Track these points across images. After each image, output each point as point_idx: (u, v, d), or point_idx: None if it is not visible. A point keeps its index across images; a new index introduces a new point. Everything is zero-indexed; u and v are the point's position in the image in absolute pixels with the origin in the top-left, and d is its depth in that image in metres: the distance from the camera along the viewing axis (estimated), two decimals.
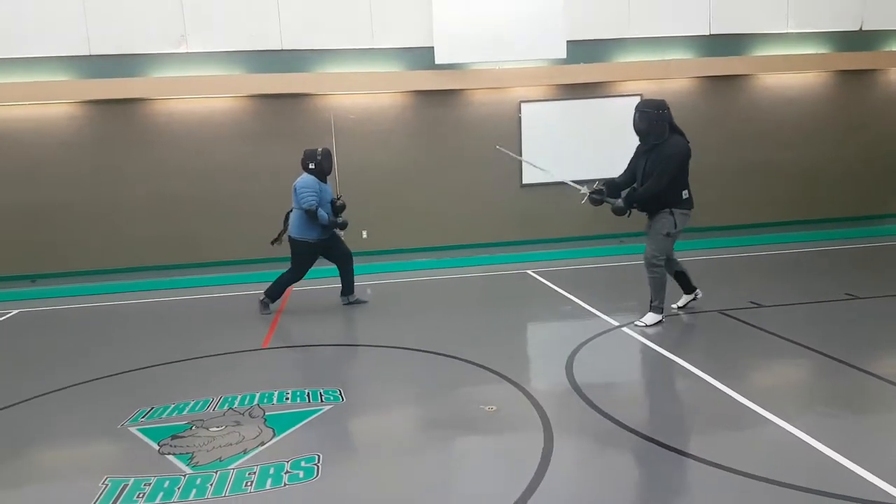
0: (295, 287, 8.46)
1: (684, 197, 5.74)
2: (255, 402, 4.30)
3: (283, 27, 9.56)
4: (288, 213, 7.21)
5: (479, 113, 10.38)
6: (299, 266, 7.13)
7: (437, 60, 9.68)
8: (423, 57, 9.86)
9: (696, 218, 10.01)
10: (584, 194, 6.18)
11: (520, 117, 10.47)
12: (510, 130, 10.41)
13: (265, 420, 3.99)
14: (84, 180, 9.55)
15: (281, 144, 9.84)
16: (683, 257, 9.02)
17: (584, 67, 10.23)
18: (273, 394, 4.45)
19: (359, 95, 9.97)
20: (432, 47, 9.67)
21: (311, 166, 6.98)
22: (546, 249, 10.36)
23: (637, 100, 10.64)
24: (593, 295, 7.24)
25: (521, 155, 8.18)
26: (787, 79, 10.84)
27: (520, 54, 9.93)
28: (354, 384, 4.71)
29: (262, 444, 3.68)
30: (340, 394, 4.40)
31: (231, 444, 3.68)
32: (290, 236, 7.09)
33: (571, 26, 9.97)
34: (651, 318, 5.94)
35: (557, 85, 10.42)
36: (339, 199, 7.31)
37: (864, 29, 10.76)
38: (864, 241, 10.17)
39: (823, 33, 10.73)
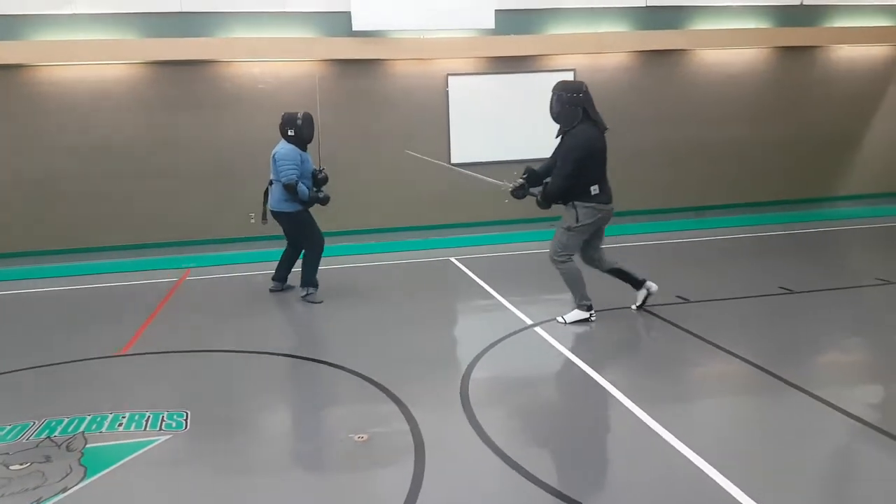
0: (193, 276, 7.69)
1: (593, 192, 5.16)
2: (82, 428, 3.57)
3: None
4: (267, 188, 6.46)
5: (402, 85, 9.64)
6: (307, 235, 6.44)
7: (355, 27, 8.89)
8: (339, 22, 9.04)
9: (622, 201, 9.62)
10: (506, 190, 5.51)
11: (447, 91, 9.78)
12: (437, 105, 9.73)
13: (82, 455, 3.28)
14: None
15: (181, 116, 8.95)
16: (613, 242, 8.65)
17: (514, 39, 9.59)
18: (106, 417, 3.71)
19: (269, 63, 9.11)
20: (349, 12, 8.86)
21: (290, 133, 6.23)
22: (474, 233, 9.75)
23: (570, 75, 10.25)
24: (516, 287, 6.66)
25: (433, 158, 7.43)
26: (727, 54, 10.42)
27: (445, 23, 9.21)
28: (208, 405, 3.96)
29: (65, 489, 2.97)
30: (185, 419, 3.69)
31: (27, 490, 2.96)
32: (271, 210, 6.40)
33: None
34: (574, 315, 5.42)
35: (486, 57, 9.75)
36: (321, 171, 6.56)
37: (804, 3, 10.37)
38: (803, 226, 9.71)
39: (764, 7, 10.31)
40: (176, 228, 9.13)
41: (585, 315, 5.40)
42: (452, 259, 8.24)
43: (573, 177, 5.08)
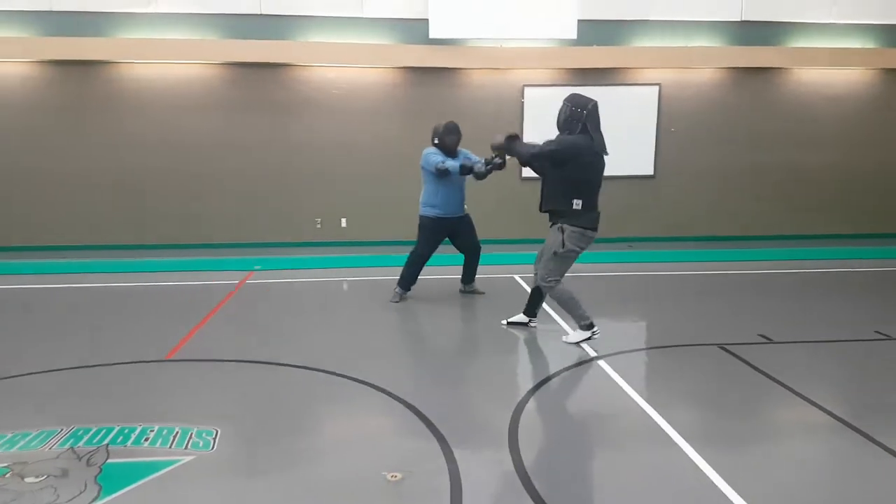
0: (255, 279, 7.63)
1: (574, 207, 5.01)
2: (107, 440, 3.42)
3: None
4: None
5: (477, 95, 9.39)
6: (420, 239, 6.59)
7: (432, 34, 8.71)
8: (416, 30, 8.88)
9: (706, 224, 9.02)
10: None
11: (522, 102, 9.46)
12: (512, 116, 9.42)
13: (100, 471, 3.11)
14: (38, 147, 8.78)
15: (255, 118, 8.98)
16: (695, 269, 8.14)
17: (597, 50, 9.18)
18: (135, 429, 3.55)
19: (344, 69, 9.03)
20: (427, 19, 8.68)
21: (436, 141, 6.42)
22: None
23: (654, 90, 9.73)
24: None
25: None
26: (828, 74, 9.65)
27: (524, 32, 8.90)
28: (240, 423, 3.75)
29: None
30: (214, 438, 3.48)
31: None
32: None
33: (583, 4, 8.88)
34: (575, 335, 5.32)
35: (566, 69, 9.39)
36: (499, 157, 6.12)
37: None
38: None
39: (870, 26, 9.51)
40: (244, 229, 9.16)
41: (587, 334, 5.26)
42: (517, 277, 7.88)
43: (544, 158, 5.06)
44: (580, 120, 4.99)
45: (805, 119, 9.77)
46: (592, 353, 5.10)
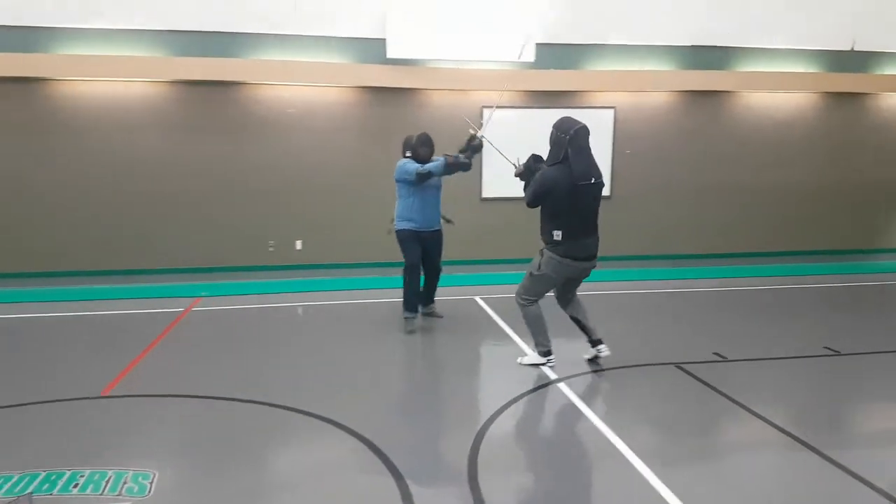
0: (202, 307, 7.33)
1: (555, 238, 4.99)
2: (31, 489, 3.15)
3: (215, 6, 8.40)
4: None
5: (436, 116, 9.28)
6: (403, 251, 6.40)
7: (389, 54, 8.59)
8: (374, 49, 8.76)
9: (662, 243, 9.09)
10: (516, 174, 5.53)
11: (482, 123, 9.38)
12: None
13: None
14: None
15: (205, 138, 8.71)
16: (652, 287, 8.15)
17: (555, 74, 9.20)
18: (63, 475, 3.29)
19: (299, 87, 8.85)
20: (384, 39, 8.58)
21: (408, 154, 6.42)
22: (504, 270, 9.28)
23: (609, 113, 9.81)
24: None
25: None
26: (774, 98, 9.91)
27: (483, 55, 8.88)
28: (181, 466, 3.52)
29: None
30: (151, 483, 3.25)
31: None
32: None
33: (542, 28, 8.90)
34: (530, 358, 5.36)
35: (525, 91, 9.37)
36: (480, 137, 6.33)
37: (855, 49, 9.84)
38: (849, 278, 9.20)
39: (813, 51, 9.82)
40: (191, 253, 8.82)
41: (542, 360, 5.28)
42: (478, 298, 7.78)
43: (540, 208, 5.10)
44: (563, 146, 4.88)
45: (754, 141, 10.00)
46: (552, 377, 5.02)
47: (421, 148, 6.34)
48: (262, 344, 5.99)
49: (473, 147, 6.09)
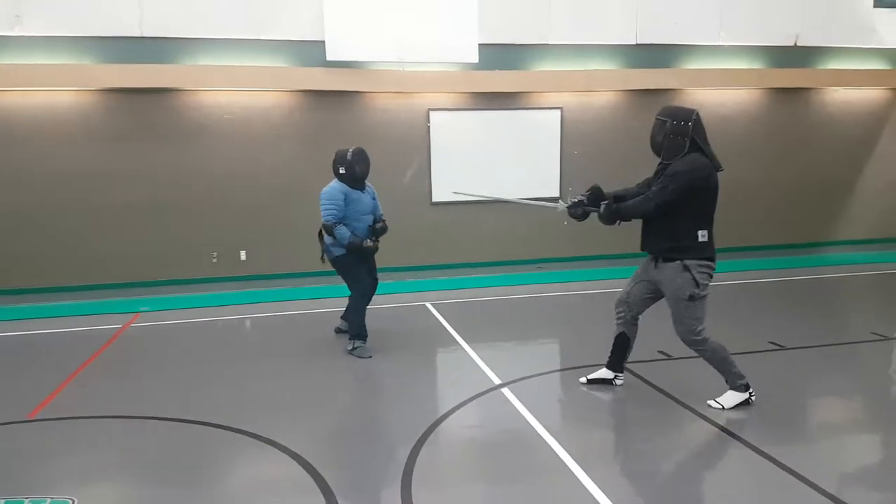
0: (141, 322, 7.03)
1: (700, 239, 4.22)
2: None
3: (145, 11, 8.10)
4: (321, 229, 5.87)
5: (381, 119, 9.15)
6: (350, 280, 5.86)
7: (329, 56, 8.40)
8: (314, 52, 8.56)
9: (612, 243, 9.05)
10: (562, 210, 4.91)
11: (428, 126, 9.29)
12: (418, 141, 9.22)
13: None
14: None
15: (141, 147, 8.39)
16: (603, 287, 8.05)
17: (499, 75, 9.13)
18: None
19: (237, 93, 8.60)
20: (323, 41, 8.39)
21: (342, 171, 5.72)
22: (456, 275, 9.19)
23: (556, 114, 9.78)
24: (489, 338, 6.11)
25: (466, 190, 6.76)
26: (719, 95, 10.00)
27: (425, 56, 8.74)
28: (104, 492, 3.31)
29: None
30: None
31: None
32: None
33: (485, 29, 8.81)
34: (730, 397, 4.38)
35: (470, 93, 9.30)
36: (381, 221, 5.93)
37: (798, 45, 10.00)
38: (794, 272, 9.28)
39: (756, 48, 9.94)
40: (128, 268, 8.48)
41: (744, 396, 4.38)
42: (428, 304, 7.65)
43: (666, 206, 4.24)
44: (686, 135, 4.29)
45: None
46: (497, 381, 4.90)
47: (358, 165, 5.71)
48: (203, 360, 5.74)
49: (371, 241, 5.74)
